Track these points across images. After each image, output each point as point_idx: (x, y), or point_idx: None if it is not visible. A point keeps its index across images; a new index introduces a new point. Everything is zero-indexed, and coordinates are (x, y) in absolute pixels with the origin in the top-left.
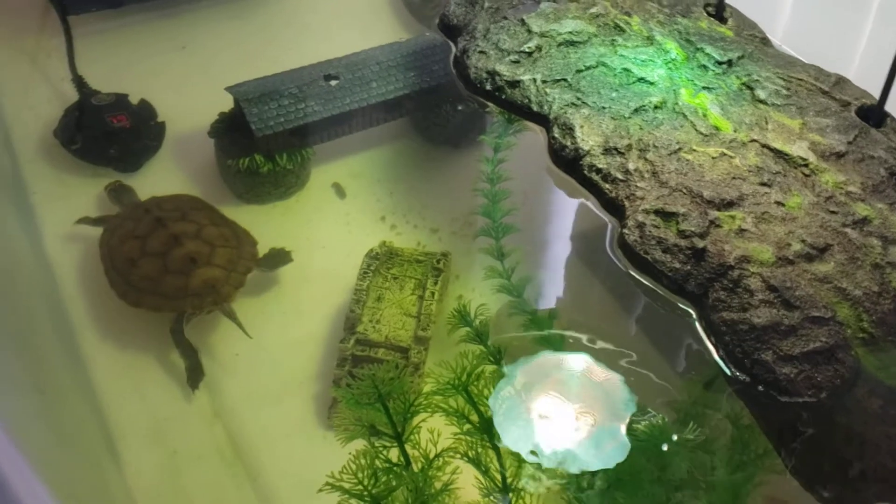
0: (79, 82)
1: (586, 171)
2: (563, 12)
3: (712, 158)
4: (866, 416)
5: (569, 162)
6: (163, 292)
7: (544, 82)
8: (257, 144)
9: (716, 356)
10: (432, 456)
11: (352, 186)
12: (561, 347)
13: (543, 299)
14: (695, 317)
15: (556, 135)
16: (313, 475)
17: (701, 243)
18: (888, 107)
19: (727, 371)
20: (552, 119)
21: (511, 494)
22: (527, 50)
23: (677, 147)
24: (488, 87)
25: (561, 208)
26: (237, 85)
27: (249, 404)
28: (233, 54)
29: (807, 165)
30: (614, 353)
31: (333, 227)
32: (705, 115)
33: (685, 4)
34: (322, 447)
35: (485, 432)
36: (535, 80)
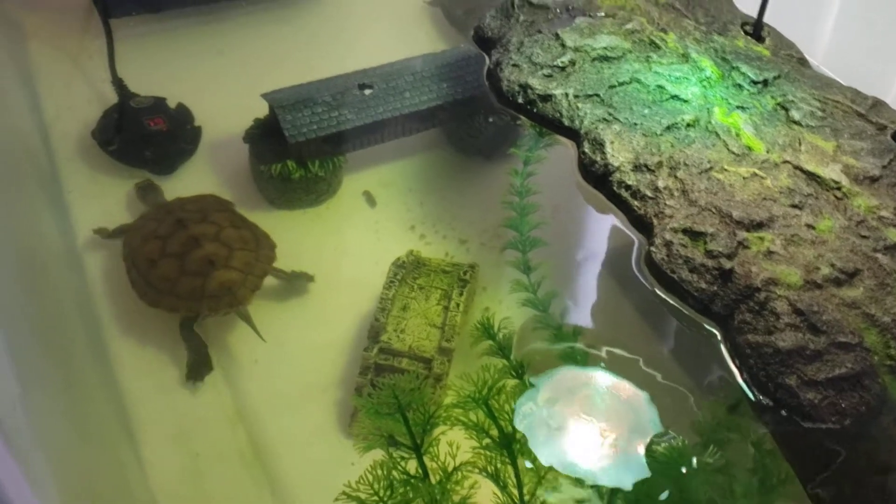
0: (119, 85)
1: (615, 187)
2: (599, 27)
3: (743, 178)
4: (892, 444)
5: (598, 177)
6: (179, 293)
7: (576, 97)
8: (290, 151)
9: (739, 379)
10: (450, 469)
11: (382, 195)
12: (585, 363)
13: (569, 314)
14: (720, 338)
15: (587, 150)
16: (332, 482)
17: (728, 264)
18: None
19: (751, 394)
20: (583, 134)
21: None
22: (560, 64)
23: (708, 166)
24: (520, 101)
25: (589, 224)
26: (272, 92)
27: (272, 408)
28: (270, 60)
29: (839, 188)
30: (639, 371)
31: (362, 235)
32: (738, 135)
33: (722, 22)
34: (342, 454)
35: (504, 447)
36: (567, 95)
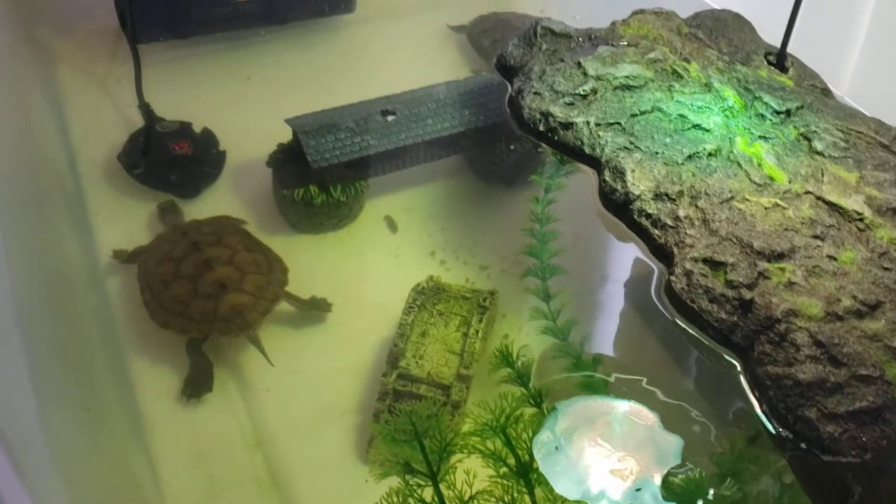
0: (145, 109)
1: (636, 216)
2: (621, 56)
3: (765, 209)
4: None
5: (619, 206)
6: (191, 315)
7: (598, 125)
8: (313, 175)
9: (759, 410)
10: (467, 498)
11: (403, 220)
12: (604, 392)
13: (588, 343)
14: (740, 369)
15: (607, 178)
16: None
17: (748, 294)
18: None
19: (770, 426)
20: (604, 162)
21: None
22: (581, 92)
23: (729, 196)
24: (541, 128)
25: (609, 252)
26: (297, 117)
27: (290, 432)
28: (295, 86)
29: (862, 220)
30: (658, 401)
31: (383, 260)
32: (760, 165)
33: (746, 53)
34: (359, 481)
35: (521, 476)
36: (588, 123)
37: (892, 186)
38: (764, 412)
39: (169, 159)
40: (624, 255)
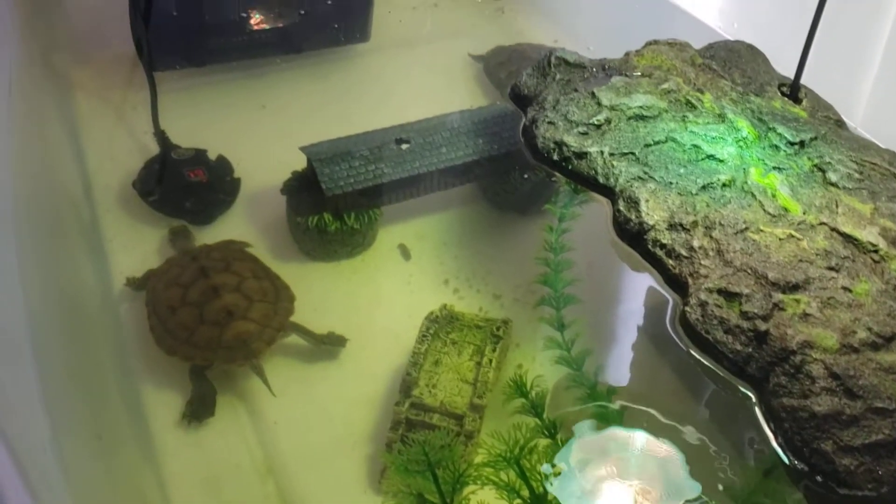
0: (161, 136)
1: (650, 246)
2: (635, 87)
3: (779, 240)
4: None
5: (633, 235)
6: (196, 342)
7: (612, 155)
8: (327, 203)
9: (774, 443)
10: None
11: (417, 248)
12: (619, 423)
13: (603, 373)
14: (755, 400)
15: (622, 208)
16: None
17: (763, 326)
18: None
19: (786, 459)
20: (618, 192)
21: None
22: (595, 122)
23: (744, 226)
24: (555, 158)
25: (624, 282)
26: (311, 145)
27: (302, 461)
28: (310, 114)
29: (877, 251)
30: (672, 432)
31: (396, 288)
32: (774, 196)
33: (759, 84)
34: None
35: None
36: (602, 153)
37: None
38: (779, 444)
39: (184, 186)
40: (638, 285)
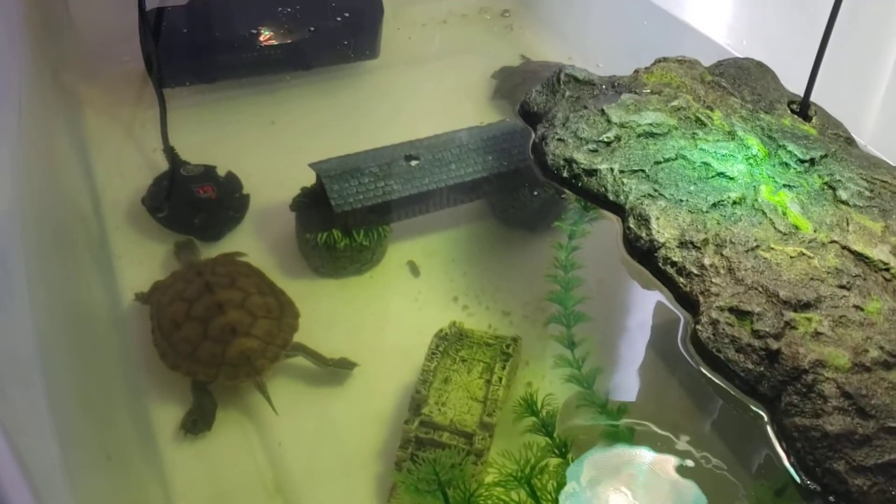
0: (170, 153)
1: (661, 264)
2: (644, 104)
3: (790, 258)
4: None
5: (643, 253)
6: (199, 358)
7: (621, 172)
8: (336, 220)
9: (786, 462)
10: None
11: (426, 265)
12: (630, 442)
13: (613, 391)
14: (767, 420)
15: (632, 225)
16: None
17: (775, 345)
18: None
19: (798, 478)
20: (628, 209)
21: None
22: (605, 139)
23: (755, 244)
24: (565, 175)
25: (634, 299)
26: (321, 161)
27: (311, 480)
28: (320, 131)
29: (888, 269)
30: (683, 451)
31: (405, 305)
32: (785, 214)
33: (769, 101)
34: None
35: None
36: (612, 170)
37: None
38: (791, 464)
39: (193, 203)
40: (649, 302)
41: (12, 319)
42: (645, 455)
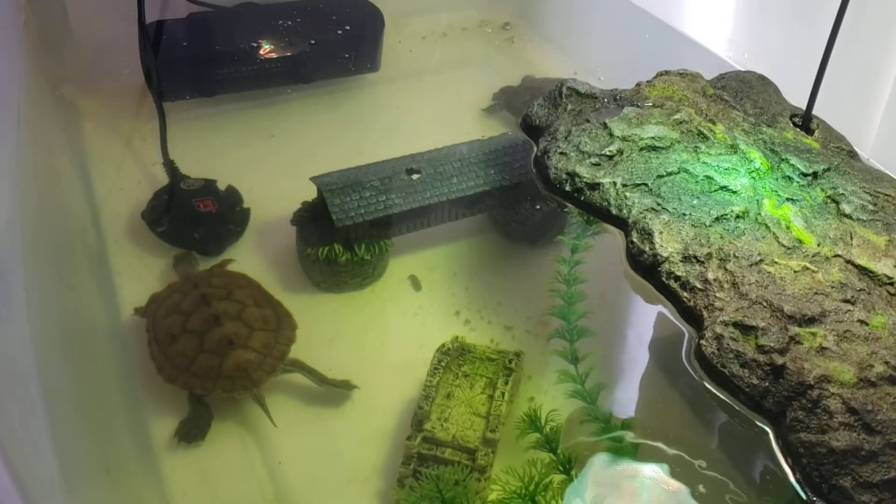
0: (170, 167)
1: (664, 278)
2: (647, 117)
3: (794, 272)
4: None
5: (647, 267)
6: (195, 371)
7: (624, 186)
8: (337, 234)
9: (792, 478)
10: None
11: (428, 279)
12: (633, 457)
13: (617, 406)
14: (772, 435)
15: (635, 239)
16: None
17: (780, 360)
18: None
19: (804, 495)
20: (631, 223)
21: None
22: (608, 153)
23: (758, 258)
24: (567, 188)
25: (637, 314)
26: (321, 175)
27: (312, 496)
28: (320, 144)
29: (892, 284)
30: (688, 466)
31: (407, 320)
32: (788, 227)
33: (771, 114)
34: None
35: None
36: (614, 184)
37: None
38: (797, 480)
39: (193, 217)
40: (652, 317)
41: (10, 332)
42: (647, 471)
